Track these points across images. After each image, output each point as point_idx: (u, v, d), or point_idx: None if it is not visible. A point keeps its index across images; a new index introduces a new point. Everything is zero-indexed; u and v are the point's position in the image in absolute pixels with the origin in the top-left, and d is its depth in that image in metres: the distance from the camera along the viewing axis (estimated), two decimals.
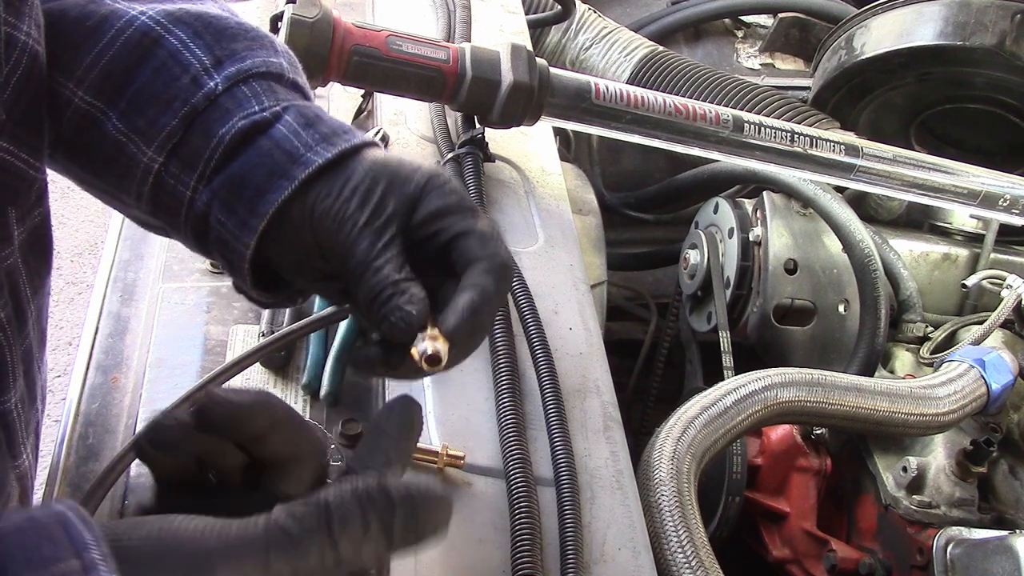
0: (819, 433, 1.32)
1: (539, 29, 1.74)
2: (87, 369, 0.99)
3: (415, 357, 0.62)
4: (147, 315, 1.03)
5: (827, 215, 1.38)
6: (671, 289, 1.66)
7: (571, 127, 1.22)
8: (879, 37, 1.56)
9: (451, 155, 1.13)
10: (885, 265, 1.38)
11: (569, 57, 1.79)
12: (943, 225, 1.56)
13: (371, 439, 0.62)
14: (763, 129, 1.21)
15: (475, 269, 0.65)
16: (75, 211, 3.24)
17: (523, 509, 0.80)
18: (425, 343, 0.62)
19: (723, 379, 1.14)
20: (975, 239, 1.53)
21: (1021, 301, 1.31)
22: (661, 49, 1.76)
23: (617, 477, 0.88)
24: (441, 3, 1.36)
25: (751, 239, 1.44)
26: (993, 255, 1.50)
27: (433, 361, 0.62)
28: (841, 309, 1.42)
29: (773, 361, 1.40)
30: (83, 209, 3.25)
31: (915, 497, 1.21)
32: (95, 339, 1.02)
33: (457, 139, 1.15)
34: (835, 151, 1.24)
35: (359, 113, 1.26)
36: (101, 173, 0.71)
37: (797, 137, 1.22)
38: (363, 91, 1.24)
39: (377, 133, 1.18)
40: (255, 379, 0.95)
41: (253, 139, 0.67)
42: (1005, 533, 1.07)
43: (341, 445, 0.88)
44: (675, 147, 1.19)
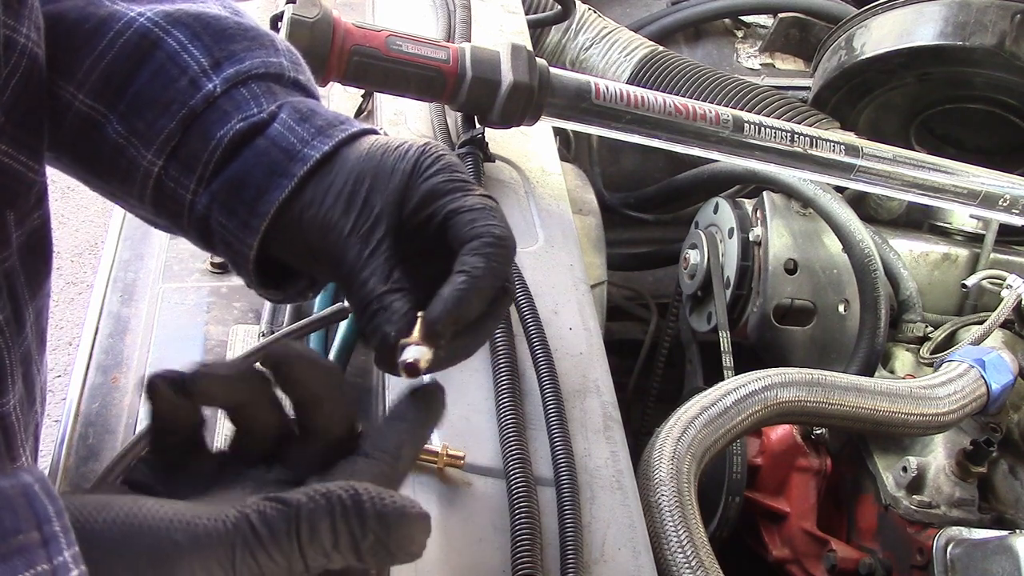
0: (819, 433, 1.32)
1: (539, 29, 1.74)
2: (87, 369, 0.99)
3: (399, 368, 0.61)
4: (147, 315, 1.03)
5: (827, 215, 1.38)
6: (671, 289, 1.66)
7: (571, 127, 1.21)
8: (879, 37, 1.56)
9: None
10: (885, 265, 1.38)
11: (569, 57, 1.79)
12: (943, 225, 1.56)
13: (387, 422, 0.60)
14: (763, 129, 1.21)
15: (466, 250, 0.62)
16: (75, 211, 3.24)
17: (523, 509, 0.80)
18: (406, 352, 0.60)
19: (723, 379, 1.14)
20: (975, 239, 1.53)
21: (1021, 301, 1.31)
22: (661, 49, 1.76)
23: (617, 477, 0.88)
24: (441, 3, 1.36)
25: (751, 239, 1.44)
26: (993, 255, 1.50)
27: (410, 371, 0.60)
28: (841, 309, 1.42)
29: (773, 361, 1.40)
30: (83, 209, 3.25)
31: (915, 497, 1.21)
32: (95, 339, 1.02)
33: (457, 139, 1.15)
34: (835, 151, 1.24)
35: (359, 113, 1.26)
36: (103, 176, 0.71)
37: (797, 137, 1.22)
38: (363, 91, 1.25)
39: None
40: None
41: (251, 140, 0.66)
42: (1005, 533, 1.07)
43: None
44: (675, 147, 1.19)
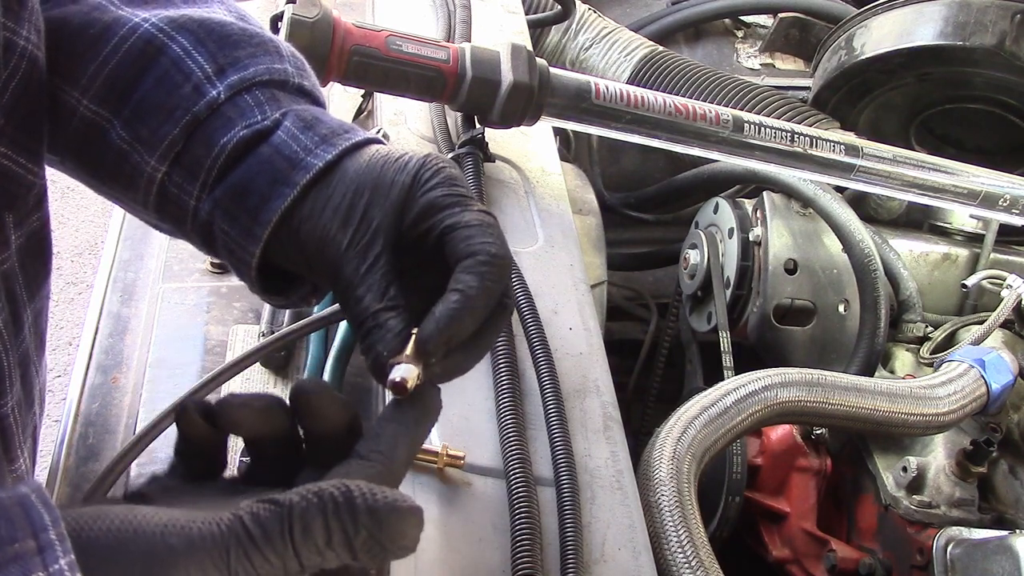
0: (819, 433, 1.32)
1: (539, 29, 1.74)
2: (87, 369, 0.99)
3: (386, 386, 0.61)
4: (147, 315, 1.03)
5: (827, 215, 1.38)
6: (671, 289, 1.66)
7: (571, 127, 1.21)
8: (879, 37, 1.56)
9: (451, 155, 1.13)
10: (885, 265, 1.38)
11: (569, 57, 1.79)
12: (943, 225, 1.56)
13: (381, 423, 0.61)
14: (763, 129, 1.21)
15: (461, 267, 0.62)
16: (75, 211, 3.24)
17: (523, 509, 0.80)
18: (394, 371, 0.60)
19: (723, 379, 1.14)
20: (975, 239, 1.53)
21: (1021, 301, 1.31)
22: (661, 49, 1.76)
23: (617, 477, 0.88)
24: (441, 3, 1.36)
25: (751, 239, 1.43)
26: (993, 255, 1.50)
27: (397, 390, 0.60)
28: (841, 309, 1.42)
29: (773, 361, 1.40)
30: (83, 209, 3.25)
31: (915, 497, 1.21)
32: (95, 339, 1.02)
33: (457, 139, 1.15)
34: (835, 151, 1.24)
35: (359, 113, 1.26)
36: (107, 181, 0.71)
37: (797, 137, 1.22)
38: (363, 91, 1.25)
39: (377, 133, 1.18)
40: (255, 379, 0.95)
41: (254, 147, 0.66)
42: (1005, 533, 1.07)
43: None
44: (675, 147, 1.19)
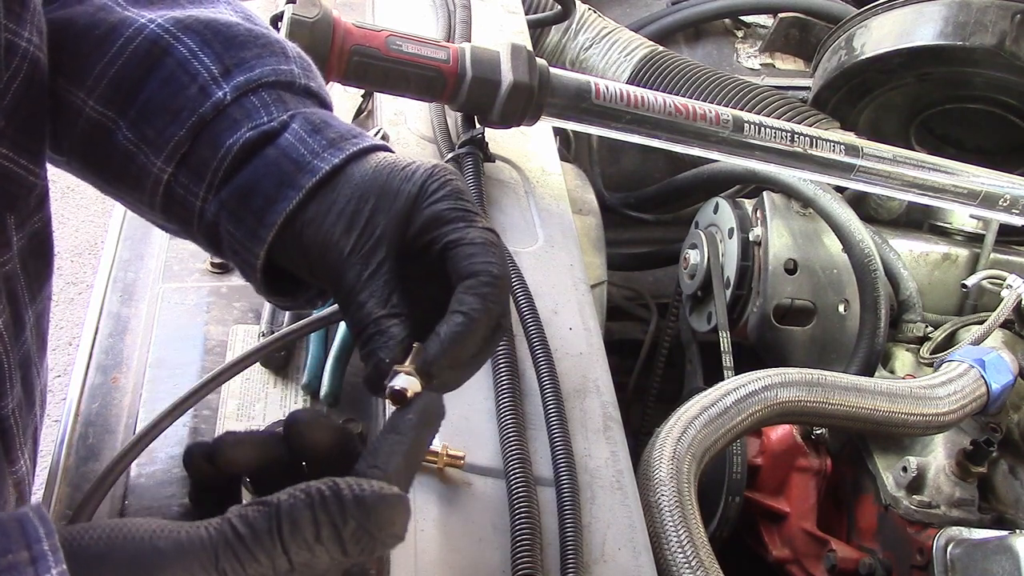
0: (819, 433, 1.32)
1: (539, 29, 1.74)
2: (87, 369, 0.99)
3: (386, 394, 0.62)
4: (147, 315, 1.03)
5: (827, 215, 1.38)
6: (671, 289, 1.66)
7: (571, 127, 1.21)
8: (879, 37, 1.56)
9: (451, 155, 1.13)
10: (885, 265, 1.38)
11: (569, 57, 1.79)
12: (943, 225, 1.56)
13: (383, 437, 0.60)
14: (763, 129, 1.21)
15: (463, 287, 0.63)
16: (75, 211, 3.23)
17: (523, 509, 0.80)
18: (397, 379, 0.61)
19: (723, 379, 1.14)
20: (975, 239, 1.53)
21: (1021, 301, 1.31)
22: (661, 49, 1.76)
23: (617, 477, 0.88)
24: (441, 3, 1.36)
25: (751, 239, 1.43)
26: (993, 255, 1.50)
27: (397, 399, 0.60)
28: (841, 309, 1.42)
29: (773, 361, 1.40)
30: (83, 209, 3.25)
31: (915, 497, 1.21)
32: (95, 339, 1.02)
33: (457, 139, 1.15)
34: (835, 151, 1.24)
35: (359, 113, 1.26)
36: (114, 182, 0.71)
37: (797, 137, 1.22)
38: (363, 91, 1.25)
39: (377, 133, 1.18)
40: (255, 379, 0.95)
41: (261, 149, 0.66)
42: (1005, 533, 1.07)
43: None
44: (675, 147, 1.19)
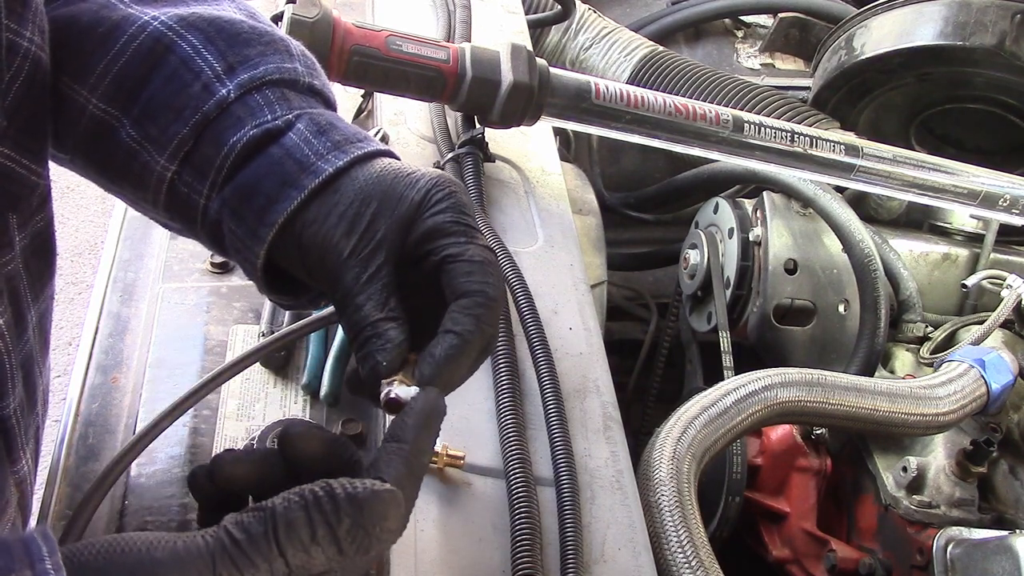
0: (819, 433, 1.32)
1: (539, 29, 1.74)
2: (87, 369, 0.99)
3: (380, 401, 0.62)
4: (147, 315, 1.03)
5: (827, 215, 1.38)
6: (671, 289, 1.66)
7: (571, 127, 1.21)
8: (879, 37, 1.56)
9: (451, 155, 1.13)
10: (885, 265, 1.38)
11: (569, 57, 1.79)
12: (943, 225, 1.56)
13: (382, 449, 0.60)
14: (763, 129, 1.21)
15: (458, 306, 0.63)
16: (75, 211, 3.23)
17: (523, 509, 0.80)
18: (396, 389, 0.61)
19: (723, 379, 1.14)
20: (975, 239, 1.53)
21: (1021, 301, 1.31)
22: (661, 49, 1.76)
23: (617, 477, 0.88)
24: (441, 3, 1.36)
25: (751, 239, 1.43)
26: (993, 255, 1.50)
27: (391, 408, 0.61)
28: (841, 309, 1.42)
29: (773, 361, 1.40)
30: (83, 209, 3.25)
31: (915, 497, 1.21)
32: (95, 339, 1.02)
33: (457, 139, 1.15)
34: (835, 151, 1.24)
35: (359, 113, 1.26)
36: (117, 180, 0.71)
37: (797, 137, 1.22)
38: (363, 91, 1.24)
39: (377, 133, 1.18)
40: (255, 379, 0.95)
41: (264, 148, 0.66)
42: (1005, 533, 1.07)
43: None
44: (675, 147, 1.19)
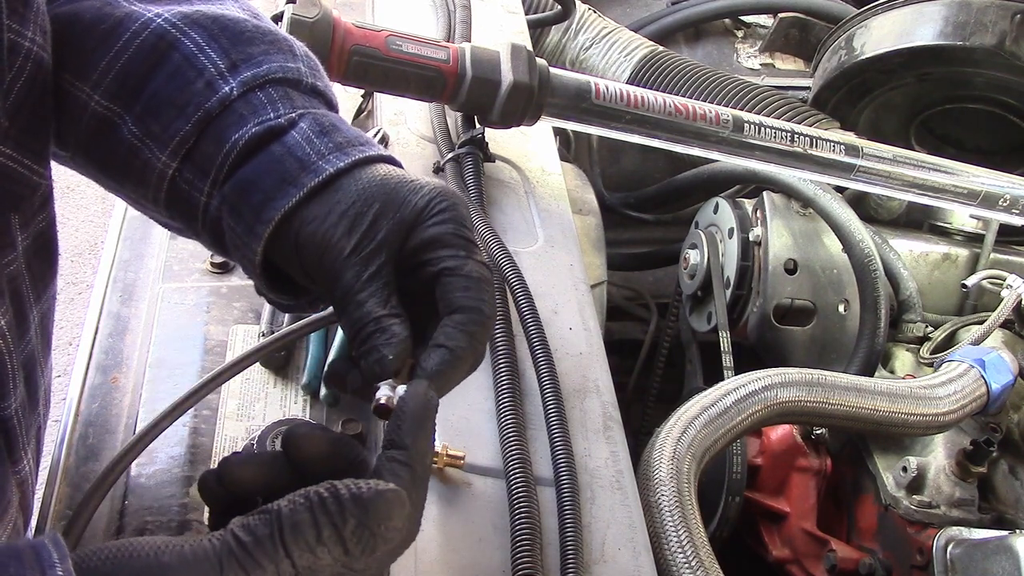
0: (819, 433, 1.32)
1: (539, 29, 1.74)
2: (87, 369, 0.99)
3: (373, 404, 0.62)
4: (147, 315, 1.03)
5: (827, 215, 1.38)
6: (671, 289, 1.66)
7: (571, 127, 1.22)
8: (879, 37, 1.56)
9: (451, 155, 1.13)
10: (885, 265, 1.38)
11: (569, 57, 1.79)
12: (943, 225, 1.56)
13: (381, 458, 0.59)
14: (763, 129, 1.21)
15: (452, 321, 0.63)
16: (75, 211, 3.23)
17: (523, 509, 0.80)
18: (382, 391, 0.61)
19: (723, 379, 1.14)
20: (975, 239, 1.53)
21: (1021, 301, 1.31)
22: (661, 49, 1.76)
23: (617, 477, 0.88)
24: (441, 3, 1.36)
25: (751, 239, 1.43)
26: (993, 255, 1.50)
27: (381, 413, 0.61)
28: (841, 309, 1.42)
29: (773, 361, 1.40)
30: (83, 209, 3.25)
31: (915, 497, 1.21)
32: (95, 339, 1.02)
33: (457, 139, 1.15)
34: (835, 151, 1.24)
35: (359, 113, 1.26)
36: (118, 177, 0.71)
37: (797, 137, 1.22)
38: (363, 91, 1.24)
39: (377, 133, 1.18)
40: (255, 379, 0.95)
41: (266, 145, 0.66)
42: (1005, 533, 1.07)
43: None
44: (675, 147, 1.19)
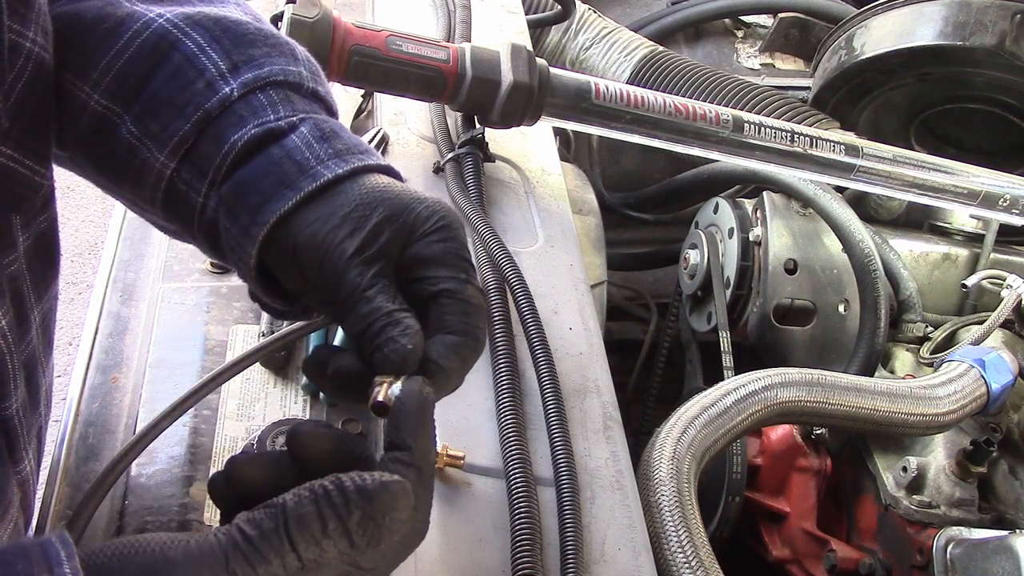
0: (819, 433, 1.32)
1: (539, 29, 1.74)
2: (87, 369, 0.99)
3: (368, 399, 0.61)
4: (147, 315, 1.03)
5: (827, 215, 1.38)
6: (671, 289, 1.66)
7: (571, 127, 1.21)
8: (879, 37, 1.56)
9: (451, 155, 1.13)
10: (885, 265, 1.38)
11: (569, 57, 1.79)
12: (943, 225, 1.56)
13: (389, 459, 0.59)
14: (763, 129, 1.21)
15: (446, 341, 0.63)
16: (75, 211, 3.23)
17: (523, 509, 0.80)
18: (380, 388, 0.61)
19: (723, 379, 1.14)
20: (975, 239, 1.53)
21: (1021, 301, 1.31)
22: (661, 49, 1.76)
23: (617, 477, 0.88)
24: (441, 3, 1.36)
25: (751, 239, 1.44)
26: (993, 255, 1.50)
27: (379, 411, 0.60)
28: (841, 309, 1.42)
29: (773, 361, 1.40)
30: (83, 209, 3.25)
31: (915, 497, 1.21)
32: (95, 339, 1.02)
33: (457, 139, 1.15)
34: (835, 151, 1.24)
35: (359, 113, 1.26)
36: (116, 177, 0.71)
37: (797, 137, 1.22)
38: (363, 91, 1.24)
39: (377, 133, 1.18)
40: (255, 379, 0.95)
41: (265, 147, 0.65)
42: (1005, 533, 1.07)
43: None
44: (675, 147, 1.19)
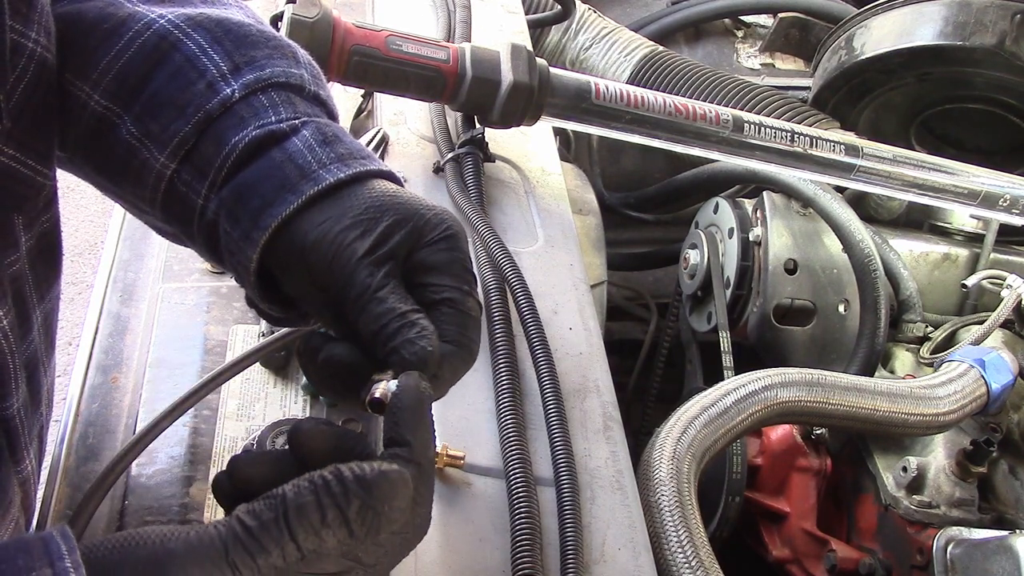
0: (819, 433, 1.32)
1: (539, 29, 1.74)
2: (87, 369, 0.99)
3: (365, 396, 0.61)
4: (147, 315, 1.03)
5: (827, 215, 1.38)
6: (671, 289, 1.66)
7: (571, 127, 1.22)
8: (879, 37, 1.56)
9: (451, 155, 1.13)
10: (885, 265, 1.38)
11: (569, 57, 1.79)
12: (943, 225, 1.56)
13: (388, 455, 0.59)
14: (763, 129, 1.21)
15: (441, 352, 0.63)
16: (75, 211, 3.23)
17: (523, 509, 0.80)
18: (377, 385, 0.61)
19: (723, 379, 1.14)
20: (975, 239, 1.53)
21: (1021, 301, 1.31)
22: (661, 49, 1.76)
23: (617, 477, 0.88)
24: (441, 3, 1.36)
25: (751, 239, 1.44)
26: (993, 255, 1.50)
27: (376, 408, 0.60)
28: (841, 309, 1.42)
29: (773, 361, 1.40)
30: (83, 209, 3.25)
31: (915, 497, 1.21)
32: (95, 339, 1.02)
33: (457, 139, 1.15)
34: (835, 151, 1.24)
35: (359, 113, 1.26)
36: (116, 178, 0.70)
37: (797, 137, 1.22)
38: (363, 91, 1.24)
39: (377, 133, 1.18)
40: (255, 379, 0.95)
41: (266, 150, 0.65)
42: (1005, 533, 1.07)
43: None
44: (675, 147, 1.19)
